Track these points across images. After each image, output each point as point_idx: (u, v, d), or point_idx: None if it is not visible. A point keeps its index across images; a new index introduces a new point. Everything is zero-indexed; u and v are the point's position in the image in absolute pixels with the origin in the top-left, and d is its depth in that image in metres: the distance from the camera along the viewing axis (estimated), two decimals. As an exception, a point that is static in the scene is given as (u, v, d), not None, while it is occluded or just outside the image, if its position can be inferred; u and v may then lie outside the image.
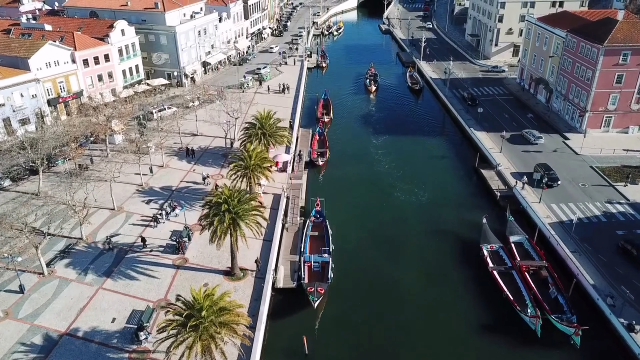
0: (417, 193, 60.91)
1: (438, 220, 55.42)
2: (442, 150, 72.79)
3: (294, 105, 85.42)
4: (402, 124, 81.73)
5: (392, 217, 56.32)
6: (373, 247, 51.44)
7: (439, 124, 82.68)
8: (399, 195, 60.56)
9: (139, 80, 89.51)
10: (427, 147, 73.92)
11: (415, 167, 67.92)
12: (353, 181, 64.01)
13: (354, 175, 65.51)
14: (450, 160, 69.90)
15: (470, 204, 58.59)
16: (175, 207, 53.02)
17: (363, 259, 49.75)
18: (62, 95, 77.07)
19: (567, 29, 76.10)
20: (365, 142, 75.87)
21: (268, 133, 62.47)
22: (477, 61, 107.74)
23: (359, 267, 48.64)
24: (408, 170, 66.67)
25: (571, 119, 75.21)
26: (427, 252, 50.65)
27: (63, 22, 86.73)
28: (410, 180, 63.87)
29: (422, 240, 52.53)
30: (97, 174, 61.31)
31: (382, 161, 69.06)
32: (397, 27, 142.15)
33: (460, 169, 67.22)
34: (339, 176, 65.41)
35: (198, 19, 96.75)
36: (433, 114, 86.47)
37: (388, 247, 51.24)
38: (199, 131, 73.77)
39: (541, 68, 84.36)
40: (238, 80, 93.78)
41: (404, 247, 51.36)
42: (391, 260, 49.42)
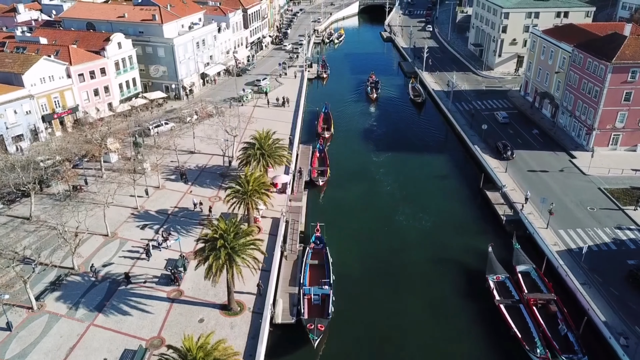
0: (420, 217, 59.15)
1: (442, 247, 53.68)
2: (445, 169, 71.04)
3: (294, 120, 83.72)
4: (404, 140, 79.97)
5: (395, 243, 54.56)
6: (375, 277, 49.69)
7: (442, 140, 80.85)
8: (402, 219, 58.82)
9: (136, 94, 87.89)
10: (430, 165, 72.18)
11: (418, 187, 66.16)
12: (354, 203, 62.27)
13: (355, 196, 63.79)
14: (454, 179, 68.12)
15: (475, 229, 56.83)
16: (167, 238, 50.88)
17: (365, 290, 48.00)
18: (57, 111, 75.46)
19: (574, 43, 74.35)
20: (366, 160, 74.12)
21: (267, 153, 60.84)
22: (480, 72, 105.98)
23: (361, 299, 46.88)
24: (410, 191, 64.95)
25: (577, 135, 73.42)
26: (431, 283, 48.91)
27: (59, 35, 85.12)
28: (412, 202, 62.16)
29: (426, 269, 50.77)
30: (92, 195, 59.71)
31: (383, 181, 67.33)
32: (398, 35, 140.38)
33: (465, 189, 65.43)
34: (340, 197, 63.69)
35: (196, 30, 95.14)
36: (436, 129, 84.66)
37: (390, 278, 49.49)
38: (197, 148, 72.10)
39: (546, 82, 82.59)
40: (237, 93, 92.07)
41: (407, 277, 49.59)
42: (394, 292, 47.67)
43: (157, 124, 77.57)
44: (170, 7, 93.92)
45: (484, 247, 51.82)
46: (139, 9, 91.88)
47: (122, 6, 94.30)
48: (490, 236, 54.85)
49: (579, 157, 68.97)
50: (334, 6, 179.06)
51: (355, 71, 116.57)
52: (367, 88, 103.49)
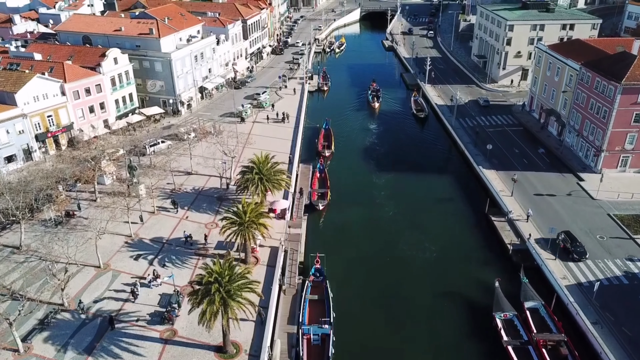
0: (423, 245, 57.17)
1: (446, 280, 51.72)
2: (449, 192, 69.03)
3: (294, 137, 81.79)
4: (406, 158, 77.94)
5: (397, 276, 52.61)
6: (377, 313, 47.77)
7: (445, 159, 78.79)
8: (404, 248, 56.86)
9: (132, 109, 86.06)
10: (433, 186, 70.21)
11: (421, 212, 64.11)
12: (355, 230, 60.29)
13: (356, 222, 61.81)
14: (458, 203, 66.11)
15: (481, 259, 54.89)
16: (158, 276, 48.53)
17: (366, 328, 46.08)
18: (51, 129, 73.68)
19: (581, 61, 72.37)
20: (368, 180, 72.16)
21: (266, 178, 58.98)
22: (484, 85, 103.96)
23: (363, 338, 44.97)
24: (413, 217, 62.98)
25: (585, 156, 71.41)
26: (435, 320, 46.96)
27: (53, 50, 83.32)
28: (416, 229, 60.21)
29: (430, 305, 48.82)
30: (85, 222, 57.92)
31: (385, 205, 65.35)
32: (400, 44, 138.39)
33: (469, 215, 63.43)
34: (341, 223, 61.71)
35: (195, 43, 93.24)
36: (439, 147, 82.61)
37: (393, 314, 47.57)
38: (194, 169, 70.17)
39: (552, 99, 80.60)
40: (236, 108, 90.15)
41: (410, 314, 47.65)
42: (396, 330, 45.76)
43: (154, 143, 75.69)
44: (168, 20, 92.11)
45: (490, 280, 49.93)
46: (136, 22, 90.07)
47: (119, 19, 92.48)
48: (497, 267, 52.97)
49: (587, 179, 66.98)
50: (335, 13, 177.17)
51: (356, 83, 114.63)
52: (369, 97, 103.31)
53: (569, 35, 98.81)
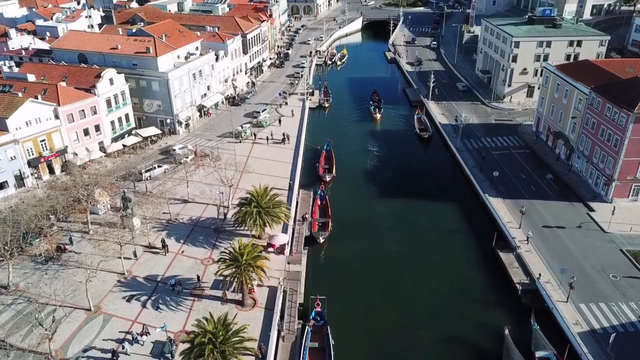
0: (427, 285, 54.91)
1: (453, 325, 49.38)
2: (454, 221, 66.62)
3: (294, 160, 79.50)
4: (409, 183, 75.49)
5: (401, 321, 50.31)
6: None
7: (450, 184, 75.99)
8: (408, 286, 54.59)
9: (129, 130, 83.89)
10: (438, 216, 67.80)
11: (426, 246, 61.73)
12: (357, 267, 57.77)
13: (358, 257, 59.37)
14: (464, 236, 63.71)
15: (489, 300, 52.59)
16: (146, 332, 45.54)
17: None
18: (44, 154, 71.64)
19: (590, 84, 70.05)
20: (370, 208, 69.84)
21: (264, 211, 56.80)
22: (489, 102, 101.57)
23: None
24: (417, 251, 60.66)
25: (595, 184, 69.05)
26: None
27: (47, 70, 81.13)
28: (419, 266, 58.00)
29: (437, 354, 46.55)
30: (77, 256, 55.80)
31: (388, 238, 63.01)
32: (403, 56, 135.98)
33: (476, 249, 61.07)
34: (342, 259, 59.33)
35: (193, 60, 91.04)
36: (443, 171, 79.95)
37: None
38: (190, 197, 67.98)
39: (560, 121, 78.25)
40: (235, 128, 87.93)
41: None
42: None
43: (149, 168, 73.49)
44: (166, 37, 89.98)
45: (499, 325, 47.75)
46: (133, 40, 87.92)
47: (115, 37, 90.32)
48: (506, 310, 50.78)
49: (598, 209, 64.58)
50: (336, 22, 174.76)
51: (357, 98, 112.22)
52: (370, 108, 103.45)
53: (576, 52, 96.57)
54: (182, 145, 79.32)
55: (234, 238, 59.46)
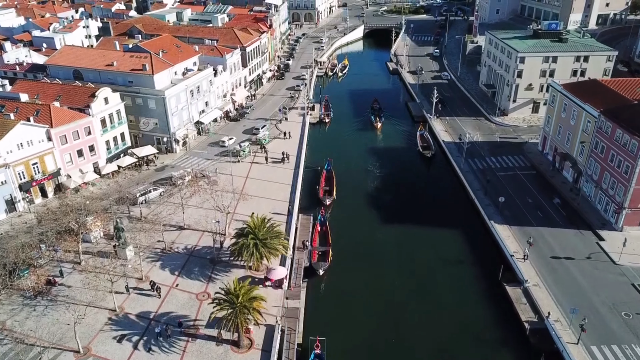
0: (431, 322, 52.65)
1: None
2: (458, 250, 64.38)
3: (294, 182, 77.32)
4: (412, 207, 73.08)
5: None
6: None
7: (454, 208, 73.18)
8: (412, 324, 52.38)
9: (125, 149, 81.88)
10: (441, 243, 65.49)
11: (429, 279, 59.43)
12: (358, 302, 55.44)
13: (359, 292, 57.03)
14: (469, 266, 61.42)
15: (495, 339, 50.41)
16: None
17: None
18: (36, 177, 69.68)
19: (599, 106, 67.86)
20: (371, 234, 67.60)
21: (261, 243, 54.68)
22: (493, 118, 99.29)
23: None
24: (421, 284, 58.41)
25: (604, 210, 66.79)
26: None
27: (41, 89, 79.12)
28: (423, 301, 55.78)
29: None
30: (67, 291, 53.77)
31: (391, 269, 60.68)
32: (405, 68, 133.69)
33: (481, 281, 58.76)
34: (343, 293, 56.97)
35: (190, 77, 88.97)
36: (447, 193, 77.33)
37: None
38: (186, 223, 65.86)
39: (568, 142, 75.98)
40: (233, 147, 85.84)
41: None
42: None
43: (145, 191, 71.40)
44: (163, 53, 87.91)
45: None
46: (129, 56, 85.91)
47: (111, 53, 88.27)
48: (514, 351, 48.75)
49: (608, 238, 62.32)
50: (337, 30, 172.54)
51: (358, 111, 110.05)
52: (371, 117, 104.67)
53: (583, 68, 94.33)
54: (181, 172, 77.05)
55: (231, 270, 57.59)
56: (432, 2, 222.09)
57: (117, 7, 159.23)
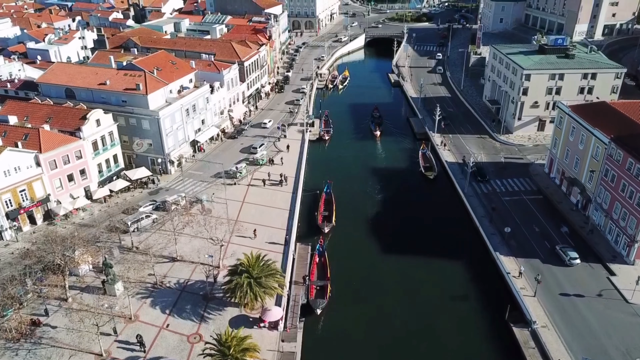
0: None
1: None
2: (463, 284, 61.61)
3: (292, 207, 74.73)
4: (413, 235, 70.28)
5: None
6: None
7: (457, 236, 69.83)
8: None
9: (118, 171, 79.36)
10: (445, 277, 62.68)
11: (433, 316, 56.77)
12: (358, 344, 52.81)
13: (360, 332, 54.40)
14: (474, 303, 58.67)
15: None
16: None
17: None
18: (24, 205, 67.20)
19: (609, 131, 65.12)
20: (372, 266, 64.67)
21: (255, 282, 52.10)
22: (497, 136, 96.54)
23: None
24: (424, 323, 55.77)
25: (615, 241, 64.02)
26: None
27: (30, 110, 76.58)
28: (426, 342, 53.19)
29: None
30: (52, 332, 51.24)
31: (393, 305, 58.04)
32: (407, 80, 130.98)
33: (487, 320, 55.98)
34: (342, 333, 54.28)
35: (186, 95, 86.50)
36: (450, 220, 73.93)
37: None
38: (179, 254, 63.27)
39: (576, 167, 73.26)
40: (230, 169, 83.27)
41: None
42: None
43: (137, 219, 68.82)
44: (157, 70, 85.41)
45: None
46: (123, 75, 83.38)
47: (104, 70, 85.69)
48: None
49: (619, 273, 59.58)
50: (338, 38, 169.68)
51: (359, 127, 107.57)
52: (371, 125, 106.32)
53: (591, 85, 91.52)
54: (175, 197, 74.44)
55: (224, 308, 54.98)
56: (434, 8, 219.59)
57: (114, 16, 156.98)
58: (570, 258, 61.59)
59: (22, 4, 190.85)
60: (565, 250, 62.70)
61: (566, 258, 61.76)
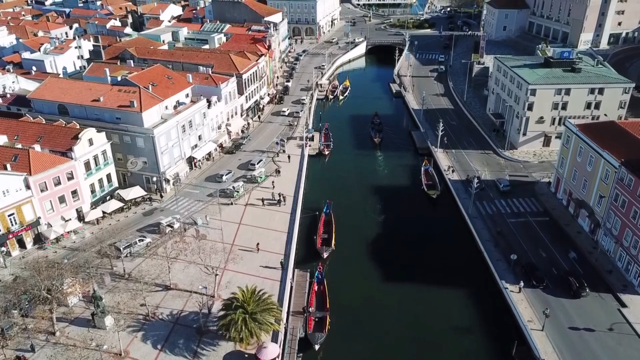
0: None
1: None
2: (467, 315, 59.17)
3: (290, 230, 72.39)
4: (415, 260, 67.84)
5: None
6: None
7: (461, 261, 67.48)
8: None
9: (111, 191, 77.09)
10: (448, 307, 60.26)
11: (435, 349, 54.54)
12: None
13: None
14: (479, 336, 56.24)
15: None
16: None
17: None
18: (13, 229, 64.95)
19: (621, 156, 62.60)
20: (372, 295, 62.42)
21: (250, 318, 49.79)
22: (502, 152, 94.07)
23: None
24: (425, 358, 53.48)
25: (626, 270, 61.56)
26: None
27: (21, 128, 74.38)
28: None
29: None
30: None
31: (395, 338, 55.59)
32: (409, 90, 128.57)
33: (493, 356, 53.60)
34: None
35: (182, 111, 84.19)
36: (453, 243, 71.53)
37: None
38: (172, 282, 60.96)
39: (584, 189, 70.83)
40: (227, 187, 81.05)
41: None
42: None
43: (129, 244, 66.46)
44: (153, 86, 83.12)
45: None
46: (117, 90, 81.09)
47: (98, 86, 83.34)
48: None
49: (631, 305, 57.11)
50: (339, 46, 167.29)
51: (360, 141, 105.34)
52: (371, 132, 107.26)
53: (598, 100, 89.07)
54: (169, 219, 72.14)
55: (219, 343, 52.74)
56: (436, 14, 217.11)
57: (112, 23, 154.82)
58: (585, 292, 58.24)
59: (19, 10, 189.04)
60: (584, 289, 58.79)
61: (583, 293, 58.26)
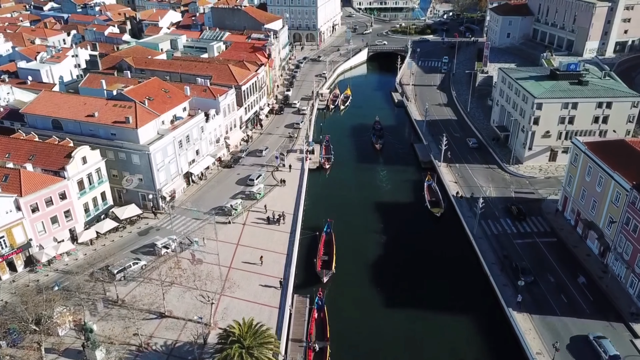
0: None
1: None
2: (472, 345, 56.90)
3: (289, 251, 70.19)
4: (419, 284, 65.66)
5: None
6: None
7: (465, 286, 65.37)
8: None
9: (106, 210, 74.94)
10: (453, 335, 58.04)
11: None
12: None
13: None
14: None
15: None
16: None
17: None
18: (3, 253, 62.91)
19: (632, 178, 60.33)
20: (374, 323, 59.92)
21: (247, 354, 47.60)
22: (507, 167, 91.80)
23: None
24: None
25: (637, 296, 59.35)
26: None
27: (13, 146, 72.23)
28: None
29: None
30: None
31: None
32: (411, 100, 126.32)
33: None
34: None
35: (179, 126, 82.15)
36: (458, 266, 69.10)
37: None
38: (167, 309, 58.85)
39: (593, 210, 68.57)
40: (224, 205, 78.94)
41: None
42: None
43: (122, 267, 64.32)
44: (149, 100, 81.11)
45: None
46: (112, 105, 79.10)
47: (93, 100, 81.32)
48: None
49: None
50: (339, 52, 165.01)
51: (361, 153, 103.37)
52: (372, 137, 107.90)
53: (606, 114, 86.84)
54: (165, 240, 70.00)
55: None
56: (438, 19, 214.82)
57: (110, 30, 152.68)
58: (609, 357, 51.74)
59: (17, 15, 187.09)
60: (600, 342, 53.27)
61: (604, 356, 51.86)
